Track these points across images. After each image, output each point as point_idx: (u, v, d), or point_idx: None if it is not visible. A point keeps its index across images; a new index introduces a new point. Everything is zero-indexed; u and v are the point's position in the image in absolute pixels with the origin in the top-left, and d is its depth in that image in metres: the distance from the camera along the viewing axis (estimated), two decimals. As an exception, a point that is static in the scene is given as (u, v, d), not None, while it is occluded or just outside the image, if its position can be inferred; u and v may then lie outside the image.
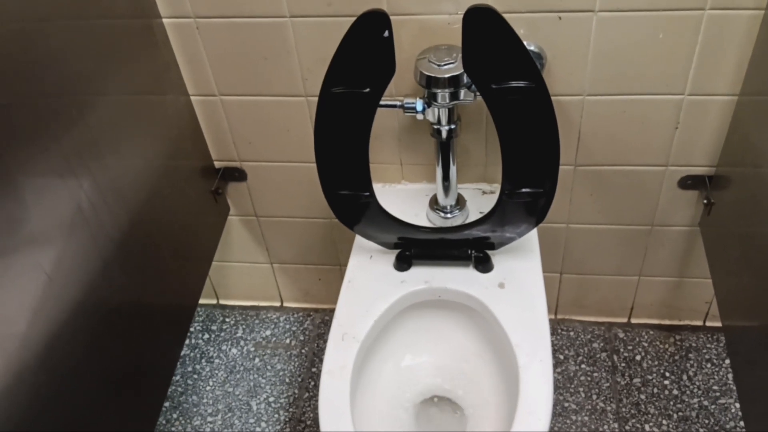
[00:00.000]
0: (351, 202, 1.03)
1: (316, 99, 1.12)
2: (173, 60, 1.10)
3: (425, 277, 1.08)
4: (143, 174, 1.03)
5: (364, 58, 0.88)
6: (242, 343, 1.48)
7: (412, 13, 1.01)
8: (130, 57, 0.99)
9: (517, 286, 1.06)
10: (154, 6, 1.04)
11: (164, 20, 1.06)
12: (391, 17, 0.85)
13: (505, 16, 0.82)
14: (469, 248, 1.08)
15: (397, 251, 1.10)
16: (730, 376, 1.32)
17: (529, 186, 0.97)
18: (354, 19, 0.97)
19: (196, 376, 1.43)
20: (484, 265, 1.08)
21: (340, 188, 1.01)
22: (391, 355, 1.11)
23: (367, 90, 0.90)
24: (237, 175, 1.27)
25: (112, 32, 0.95)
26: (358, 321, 1.04)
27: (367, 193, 1.01)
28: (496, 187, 1.21)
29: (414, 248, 1.09)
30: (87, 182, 0.87)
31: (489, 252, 1.09)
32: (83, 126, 0.86)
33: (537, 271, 1.09)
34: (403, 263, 1.10)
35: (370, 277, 1.10)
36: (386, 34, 0.86)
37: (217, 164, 1.26)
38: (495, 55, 0.85)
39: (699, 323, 1.42)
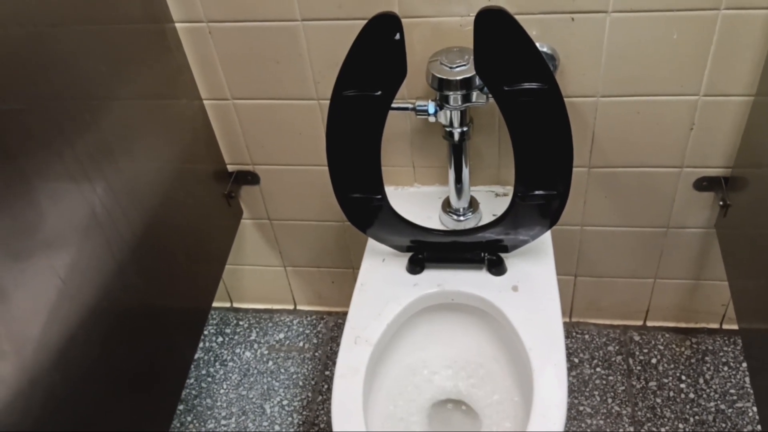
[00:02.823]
0: (363, 205, 1.03)
1: (328, 102, 1.13)
2: (186, 64, 1.11)
3: (438, 280, 1.08)
4: (157, 178, 1.03)
5: (375, 61, 0.88)
6: (256, 346, 1.48)
7: (424, 15, 1.01)
8: (143, 61, 1.00)
9: (530, 289, 1.05)
10: (167, 10, 1.04)
11: (177, 24, 1.07)
12: (403, 20, 0.85)
13: (518, 17, 0.82)
14: (482, 251, 1.08)
15: (409, 254, 1.10)
16: (747, 379, 1.31)
17: (543, 188, 0.97)
18: (365, 22, 0.97)
19: (210, 379, 1.43)
20: (497, 268, 1.07)
21: (352, 191, 1.01)
22: (404, 359, 1.10)
23: (379, 93, 0.90)
24: (250, 178, 1.27)
25: (125, 37, 0.95)
26: (370, 324, 1.03)
27: (380, 196, 1.01)
28: (510, 190, 1.20)
29: (427, 251, 1.09)
30: (101, 186, 0.87)
31: (502, 255, 1.08)
32: (97, 130, 0.87)
33: (551, 273, 1.08)
34: (415, 266, 1.09)
35: (382, 280, 1.10)
36: (397, 36, 0.85)
37: (230, 168, 1.27)
38: (507, 56, 0.85)
39: (715, 326, 1.40)
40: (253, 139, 1.21)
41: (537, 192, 0.97)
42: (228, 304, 1.57)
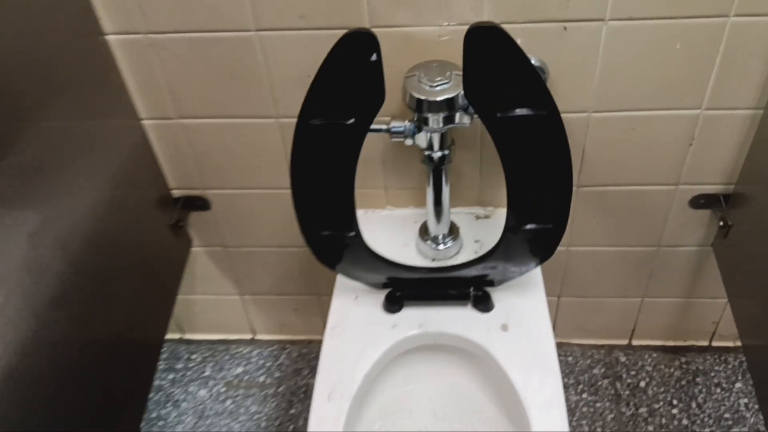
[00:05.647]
0: (333, 243, 0.91)
1: (288, 120, 1.00)
2: (119, 80, 0.96)
3: (419, 319, 0.97)
4: (88, 208, 0.89)
5: (347, 86, 0.75)
6: (211, 383, 1.34)
7: (397, 24, 0.88)
8: (70, 78, 0.85)
9: (521, 327, 0.95)
10: (95, 21, 0.89)
11: (108, 37, 0.91)
12: (374, 29, 0.73)
13: (503, 27, 0.70)
14: (467, 287, 0.97)
15: (385, 290, 0.99)
16: (741, 401, 1.24)
17: (537, 222, 0.86)
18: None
19: (161, 423, 1.29)
20: (484, 304, 0.97)
21: (321, 229, 0.88)
22: (384, 410, 0.99)
23: (352, 121, 0.77)
24: (199, 204, 1.13)
25: (49, 51, 0.81)
26: (345, 376, 0.91)
27: (352, 234, 0.89)
28: (491, 211, 1.10)
29: (405, 288, 0.98)
30: (29, 215, 0.76)
31: (488, 289, 0.98)
32: (21, 154, 0.75)
33: (542, 308, 0.98)
34: (393, 305, 0.98)
35: (356, 321, 0.98)
36: (374, 57, 0.73)
37: (175, 193, 1.12)
38: (501, 79, 0.73)
39: (705, 343, 1.33)
40: (203, 161, 1.07)
41: (530, 226, 0.86)
42: (178, 336, 1.42)
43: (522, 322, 0.96)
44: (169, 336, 1.41)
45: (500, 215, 1.09)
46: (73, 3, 0.86)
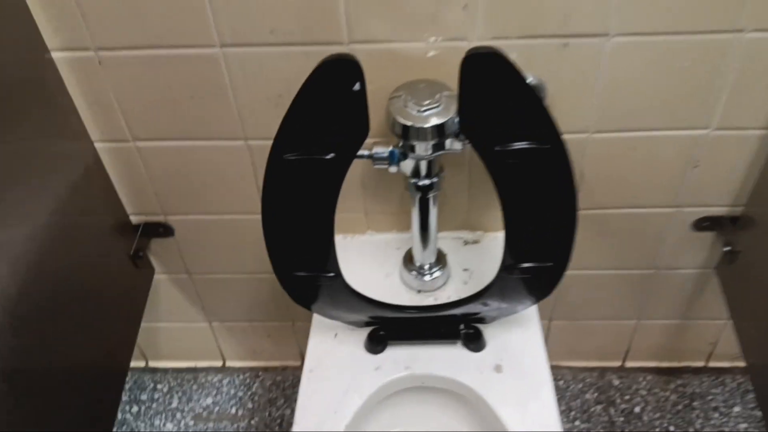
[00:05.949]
0: (310, 283, 0.82)
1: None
2: (68, 101, 0.85)
3: (405, 360, 0.89)
4: (32, 236, 0.80)
5: (327, 118, 0.66)
6: (179, 415, 1.24)
7: (379, 40, 0.79)
8: (8, 97, 0.75)
9: (517, 369, 0.87)
10: (38, 37, 0.78)
11: (54, 54, 0.81)
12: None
13: (498, 43, 0.63)
14: (458, 324, 0.89)
15: (367, 328, 0.90)
16: (741, 426, 1.18)
17: (536, 260, 0.78)
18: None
19: (125, 461, 1.20)
20: (475, 343, 0.89)
21: (296, 270, 0.79)
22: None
23: (332, 156, 0.68)
24: (162, 230, 1.03)
25: None
26: (326, 425, 0.83)
27: (332, 274, 0.80)
28: (481, 235, 1.02)
29: (390, 327, 0.89)
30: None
31: (480, 326, 0.90)
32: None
33: (538, 345, 0.91)
34: (376, 344, 0.90)
35: (336, 363, 0.89)
36: (357, 87, 0.64)
37: (134, 219, 1.02)
38: (502, 111, 0.65)
39: (701, 364, 1.27)
40: (164, 186, 0.97)
41: (528, 264, 0.78)
42: (142, 364, 1.32)
43: (517, 362, 0.88)
44: (133, 364, 1.31)
45: (490, 240, 1.02)
46: (12, 16, 0.76)
